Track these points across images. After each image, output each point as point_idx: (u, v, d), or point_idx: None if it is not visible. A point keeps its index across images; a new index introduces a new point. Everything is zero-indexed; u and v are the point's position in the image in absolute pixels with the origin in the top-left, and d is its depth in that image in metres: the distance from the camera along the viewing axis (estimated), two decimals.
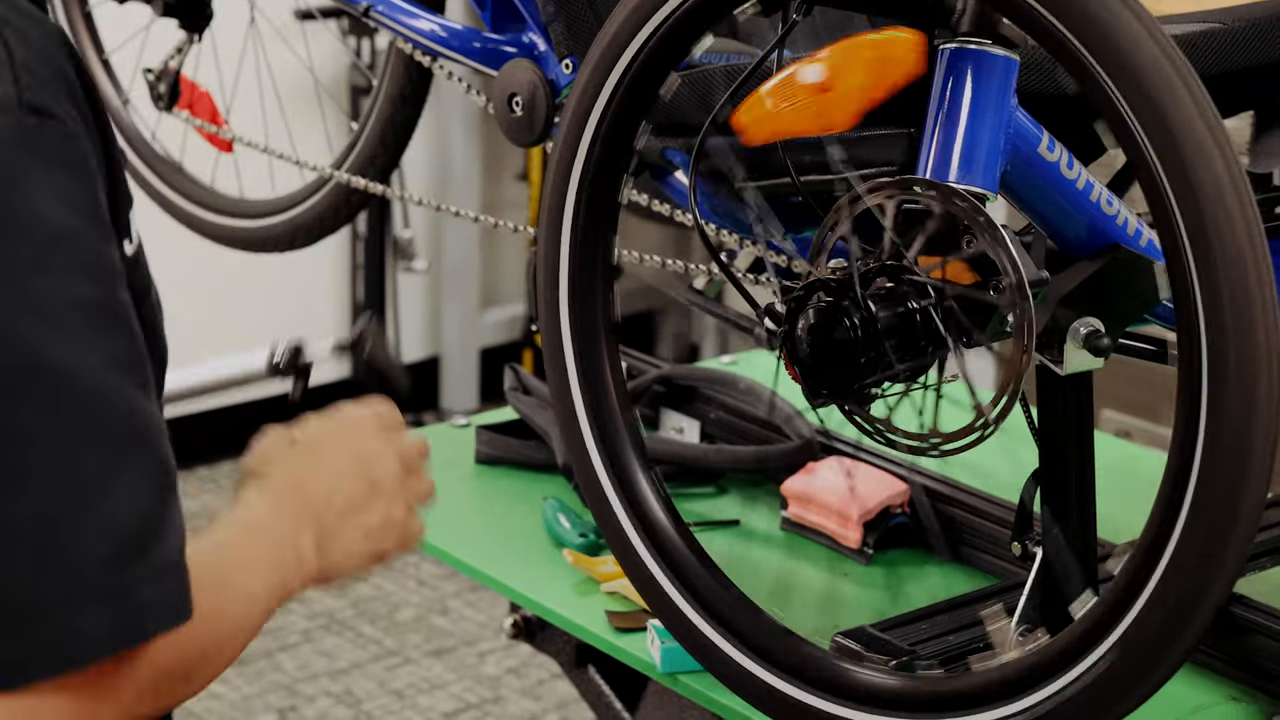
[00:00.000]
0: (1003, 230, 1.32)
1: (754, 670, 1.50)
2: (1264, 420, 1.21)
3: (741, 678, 1.51)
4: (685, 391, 2.12)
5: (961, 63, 1.37)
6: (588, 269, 1.56)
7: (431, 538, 1.96)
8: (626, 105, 1.51)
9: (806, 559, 1.86)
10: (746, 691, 1.52)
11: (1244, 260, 1.20)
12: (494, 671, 3.61)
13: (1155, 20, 1.24)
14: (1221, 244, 1.20)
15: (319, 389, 1.50)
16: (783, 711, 1.49)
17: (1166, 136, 1.21)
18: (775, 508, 1.94)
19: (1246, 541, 1.24)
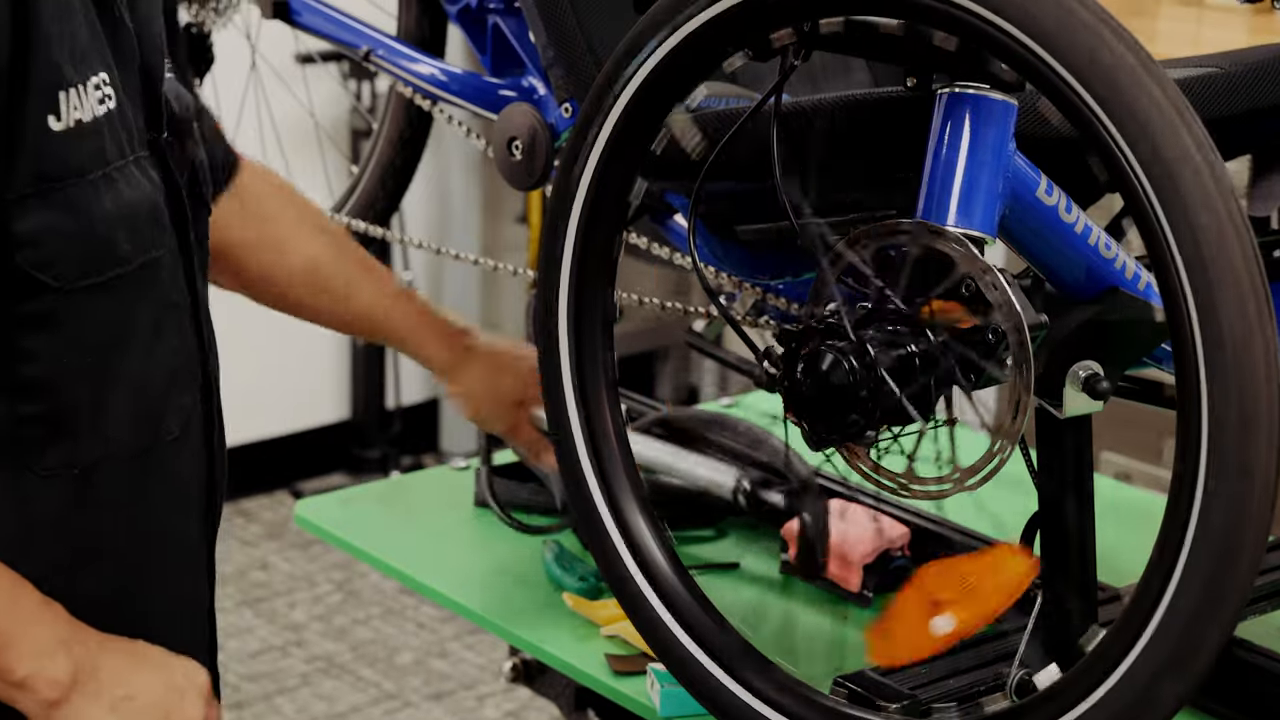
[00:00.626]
0: (1001, 274, 1.33)
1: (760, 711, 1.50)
2: (1264, 466, 1.21)
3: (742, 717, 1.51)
4: (684, 434, 2.12)
5: (959, 107, 1.37)
6: (586, 312, 1.57)
7: (431, 580, 1.96)
8: (625, 150, 1.51)
9: (807, 602, 1.85)
10: None
11: (1245, 304, 1.20)
12: (493, 715, 3.60)
13: (1157, 64, 1.25)
14: (1222, 288, 1.20)
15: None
16: None
17: (1167, 180, 1.21)
18: (775, 551, 1.94)
19: (1247, 585, 1.24)
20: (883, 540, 1.86)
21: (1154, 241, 1.23)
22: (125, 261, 1.38)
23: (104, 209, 1.35)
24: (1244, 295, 1.20)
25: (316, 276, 1.87)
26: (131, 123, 1.40)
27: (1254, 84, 1.69)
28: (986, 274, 1.33)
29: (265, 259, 1.85)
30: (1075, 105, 1.25)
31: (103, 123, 1.35)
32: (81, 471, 1.40)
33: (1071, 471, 1.46)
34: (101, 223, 1.35)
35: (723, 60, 1.46)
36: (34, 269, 1.33)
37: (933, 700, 1.53)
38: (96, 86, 1.35)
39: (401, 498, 2.18)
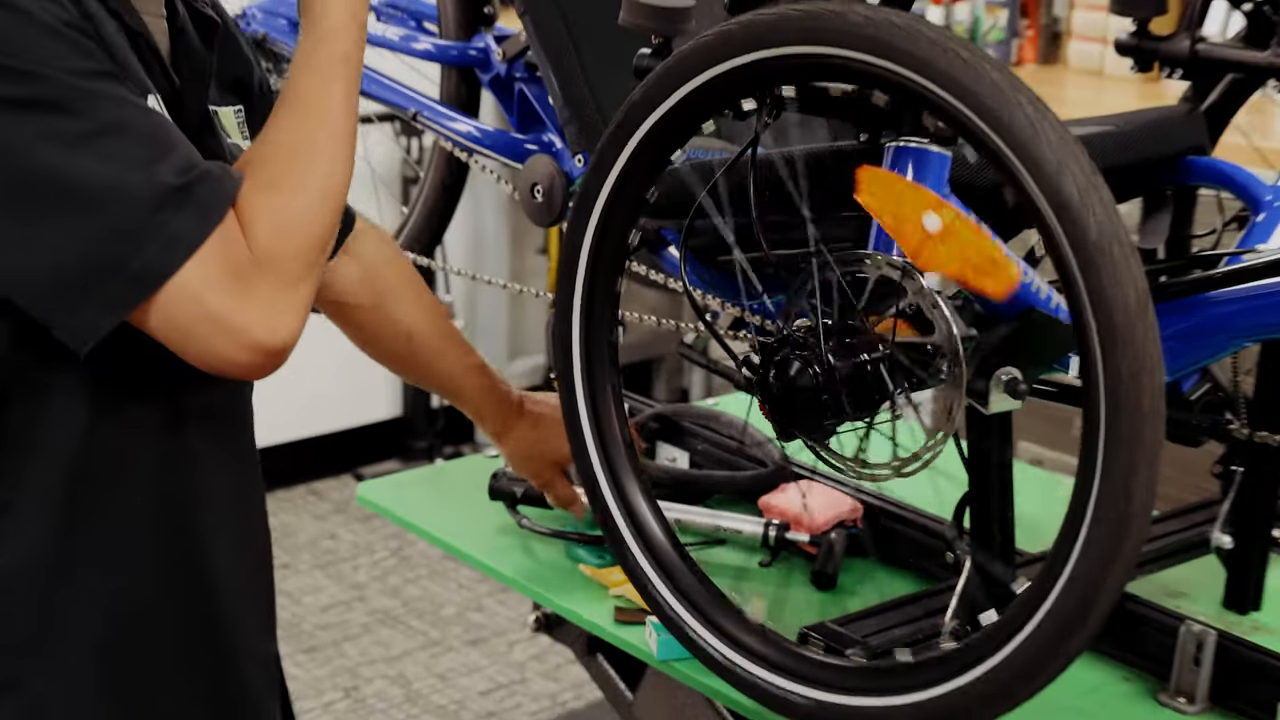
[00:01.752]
0: (938, 295, 1.32)
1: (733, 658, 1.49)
2: (1149, 450, 1.21)
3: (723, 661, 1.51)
4: (677, 427, 2.12)
5: (903, 157, 1.37)
6: (596, 328, 1.56)
7: (468, 548, 1.96)
8: (628, 193, 1.51)
9: (778, 565, 1.85)
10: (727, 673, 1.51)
11: (1134, 320, 1.20)
12: (520, 658, 3.60)
13: (1063, 124, 1.24)
14: (1117, 309, 1.20)
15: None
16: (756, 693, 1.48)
17: (1072, 220, 1.21)
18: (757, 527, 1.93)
19: (1136, 550, 1.24)
20: (839, 513, 1.86)
21: (1063, 269, 1.23)
22: None
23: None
24: (1134, 314, 1.20)
25: (411, 344, 1.83)
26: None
27: (1144, 140, 1.69)
28: (926, 296, 1.32)
29: (373, 320, 1.81)
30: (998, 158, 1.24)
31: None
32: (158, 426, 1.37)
33: (995, 458, 1.45)
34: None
35: (707, 120, 1.46)
36: None
37: (879, 645, 1.53)
38: (155, 104, 1.33)
39: (444, 481, 2.18)
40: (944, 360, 1.32)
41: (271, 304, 1.24)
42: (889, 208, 1.34)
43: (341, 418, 4.45)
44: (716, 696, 1.66)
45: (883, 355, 1.34)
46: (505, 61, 2.05)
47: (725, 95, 1.42)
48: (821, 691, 1.42)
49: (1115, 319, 1.20)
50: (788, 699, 1.44)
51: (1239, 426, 1.68)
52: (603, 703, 2.15)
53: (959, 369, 1.32)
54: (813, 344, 1.36)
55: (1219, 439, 1.70)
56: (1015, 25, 3.74)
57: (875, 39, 1.27)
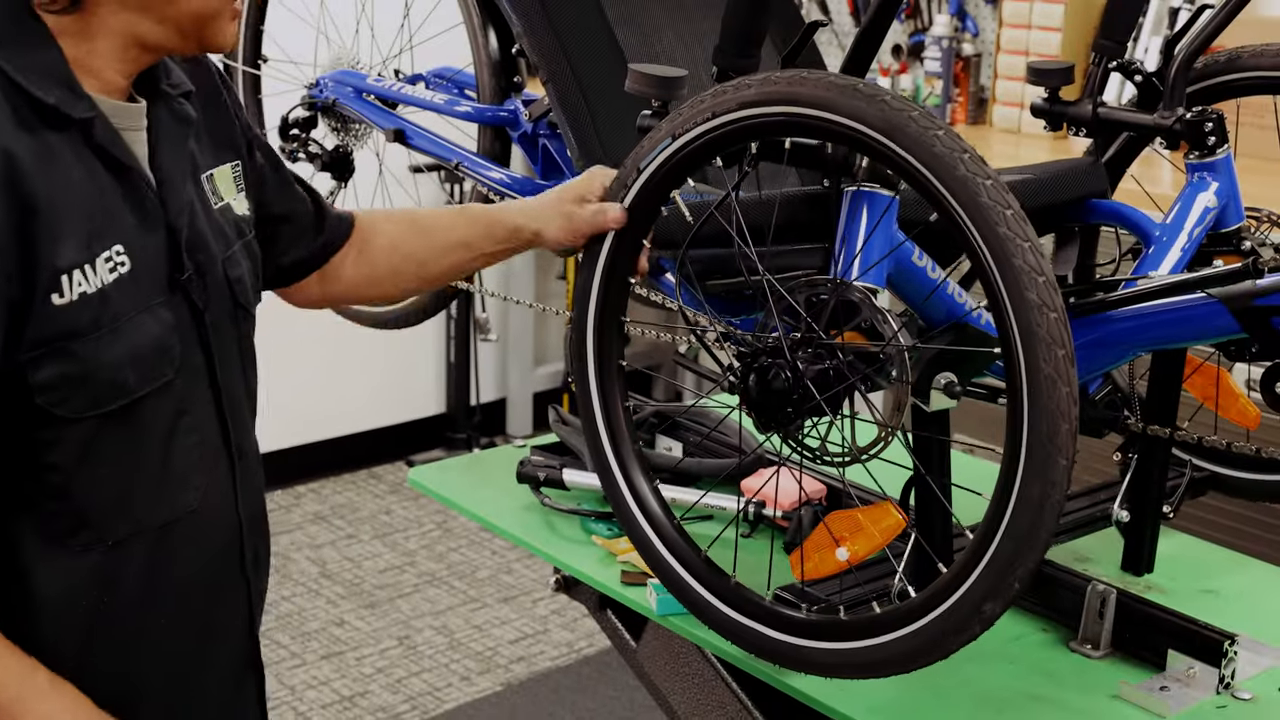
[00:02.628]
0: (887, 313, 1.32)
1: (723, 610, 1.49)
2: (1064, 439, 1.21)
3: (713, 615, 1.50)
4: (673, 422, 2.11)
5: (859, 200, 1.37)
6: (606, 340, 1.56)
7: (501, 522, 1.96)
8: (632, 228, 1.51)
9: (758, 535, 1.84)
10: (716, 625, 1.51)
11: (1052, 333, 1.20)
12: (543, 613, 3.59)
13: (994, 171, 1.24)
14: (1036, 323, 1.20)
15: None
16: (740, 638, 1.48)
17: (999, 250, 1.21)
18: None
19: (1054, 522, 1.23)
20: (806, 493, 1.85)
21: (990, 291, 1.22)
22: (131, 392, 1.20)
23: (111, 356, 1.18)
24: (1051, 326, 1.20)
25: (399, 252, 1.58)
26: (146, 278, 1.22)
27: (1054, 185, 1.69)
28: (879, 313, 1.32)
29: (389, 261, 1.58)
30: (938, 200, 1.24)
31: (111, 288, 1.18)
32: (113, 544, 1.23)
33: (935, 448, 1.45)
34: (108, 368, 1.18)
35: (698, 169, 1.45)
36: (49, 407, 1.17)
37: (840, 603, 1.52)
38: (108, 259, 1.18)
39: (480, 467, 2.17)
40: (893, 367, 1.32)
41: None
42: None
43: (395, 414, 4.44)
44: (706, 645, 1.66)
45: (841, 363, 1.33)
46: (531, 121, 2.05)
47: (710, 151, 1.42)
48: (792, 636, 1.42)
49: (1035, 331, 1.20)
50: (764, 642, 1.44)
51: (1134, 421, 1.68)
52: (612, 650, 2.15)
53: (905, 374, 1.31)
54: (784, 354, 1.35)
55: (1118, 431, 1.70)
56: (949, 92, 3.74)
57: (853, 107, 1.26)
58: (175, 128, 1.28)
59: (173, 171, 1.26)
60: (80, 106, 1.17)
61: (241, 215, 1.38)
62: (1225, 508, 2.33)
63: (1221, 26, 1.70)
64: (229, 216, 1.35)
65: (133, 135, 1.24)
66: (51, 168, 1.15)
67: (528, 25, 1.87)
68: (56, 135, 1.16)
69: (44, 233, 1.13)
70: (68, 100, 1.17)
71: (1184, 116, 1.67)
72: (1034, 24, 3.52)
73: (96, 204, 1.18)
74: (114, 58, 1.20)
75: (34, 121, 1.14)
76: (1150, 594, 1.69)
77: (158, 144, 1.26)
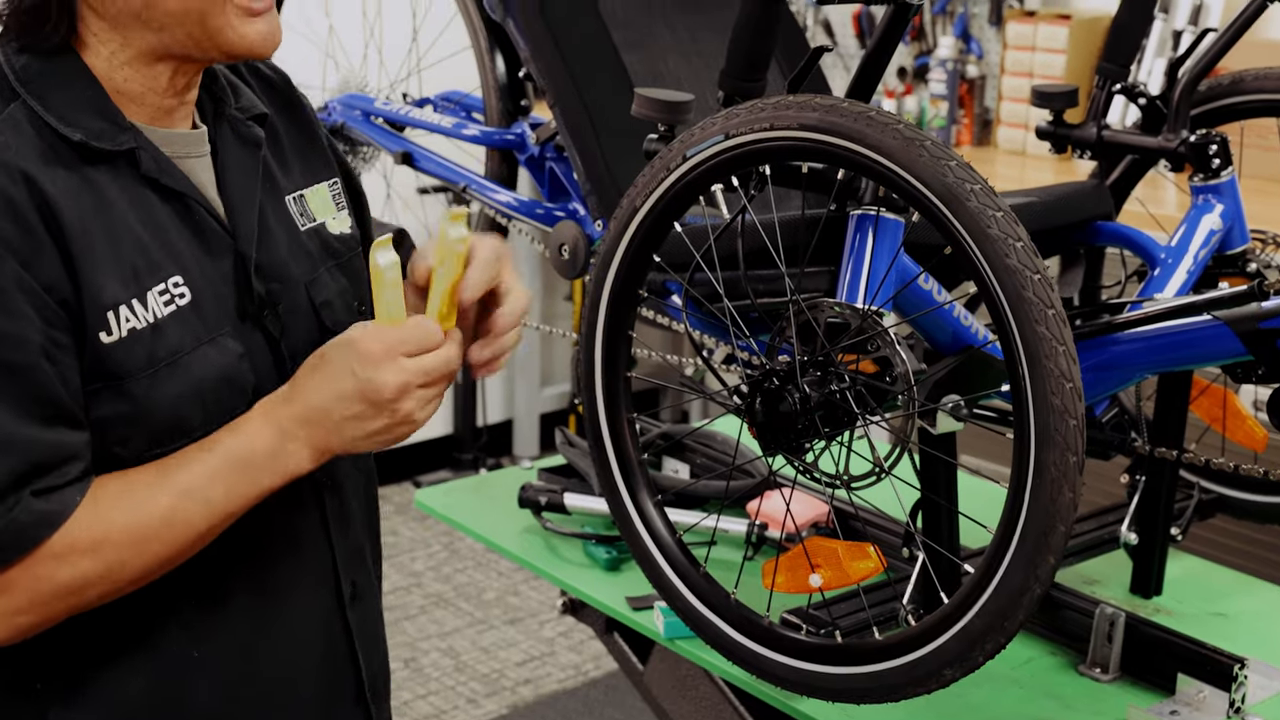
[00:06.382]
0: (893, 335, 1.32)
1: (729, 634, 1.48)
2: (1070, 463, 1.20)
3: (719, 639, 1.49)
4: (679, 444, 2.11)
5: (865, 223, 1.37)
6: (613, 361, 1.55)
7: (507, 544, 1.95)
8: (638, 252, 1.51)
9: (763, 558, 1.83)
10: (723, 649, 1.50)
11: (1058, 358, 1.19)
12: (550, 635, 3.58)
13: (997, 194, 1.24)
14: (1042, 347, 1.19)
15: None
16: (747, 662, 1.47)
17: (1005, 274, 1.20)
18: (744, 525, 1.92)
19: (1062, 546, 1.23)
20: (814, 514, 1.85)
21: (996, 314, 1.22)
22: (193, 431, 1.16)
23: (169, 393, 1.14)
24: (1057, 352, 1.19)
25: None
26: (212, 308, 1.18)
27: (1060, 208, 1.69)
28: (885, 336, 1.32)
29: None
30: (946, 226, 1.23)
31: (168, 322, 1.14)
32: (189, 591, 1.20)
33: (942, 469, 1.44)
34: (166, 406, 1.14)
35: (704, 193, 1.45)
36: (110, 445, 1.14)
37: (847, 627, 1.52)
38: (164, 291, 1.14)
39: (486, 488, 2.17)
40: (900, 390, 1.32)
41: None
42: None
43: None
44: (713, 669, 1.65)
45: (849, 386, 1.33)
46: (538, 144, 2.05)
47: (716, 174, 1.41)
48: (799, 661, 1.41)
49: (1041, 357, 1.19)
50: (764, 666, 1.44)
51: (1142, 443, 1.67)
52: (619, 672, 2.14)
53: (912, 397, 1.31)
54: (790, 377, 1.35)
55: (1125, 453, 1.69)
56: (954, 114, 3.74)
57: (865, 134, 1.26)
58: (243, 151, 1.24)
59: (240, 196, 1.22)
60: (121, 138, 1.14)
61: (339, 234, 1.32)
62: (1234, 530, 2.32)
63: (1225, 50, 1.70)
64: (322, 237, 1.30)
65: (194, 163, 1.21)
66: (91, 204, 1.12)
67: (535, 49, 1.87)
68: (96, 170, 1.13)
69: (87, 269, 1.11)
70: (106, 133, 1.14)
71: (1188, 139, 1.67)
72: (1038, 46, 3.52)
73: (149, 236, 1.15)
74: (152, 79, 1.17)
75: (70, 158, 1.12)
76: (1159, 617, 1.68)
77: (224, 169, 1.22)
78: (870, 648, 1.34)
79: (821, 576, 1.43)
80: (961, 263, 1.23)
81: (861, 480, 1.33)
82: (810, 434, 1.34)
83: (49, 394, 1.09)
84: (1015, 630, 1.25)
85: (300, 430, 1.15)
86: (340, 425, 1.15)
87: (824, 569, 1.44)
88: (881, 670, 1.32)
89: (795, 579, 1.46)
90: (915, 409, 1.31)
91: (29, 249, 1.08)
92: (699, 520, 1.69)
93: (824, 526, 1.84)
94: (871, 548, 1.43)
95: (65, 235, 1.10)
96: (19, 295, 1.07)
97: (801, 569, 1.45)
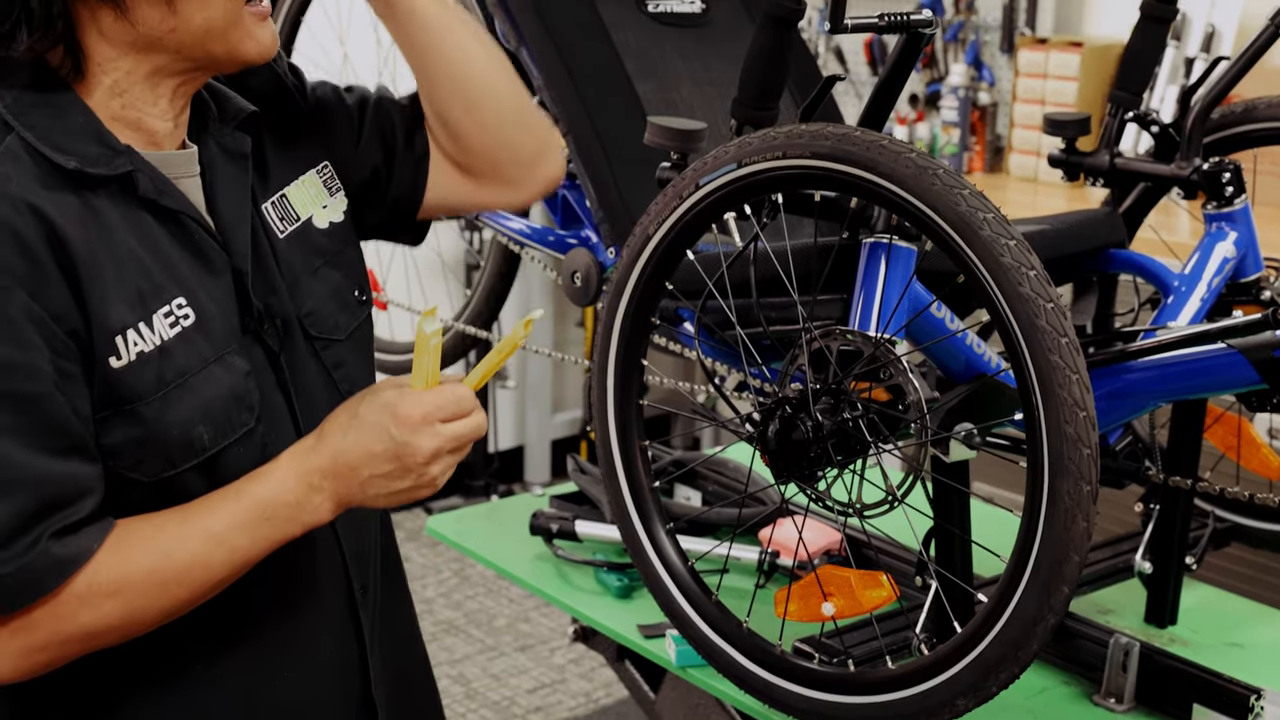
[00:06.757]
0: (906, 363, 1.32)
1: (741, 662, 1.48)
2: (1084, 491, 1.19)
3: (731, 667, 1.49)
4: (691, 471, 2.11)
5: (878, 251, 1.37)
6: (625, 389, 1.55)
7: (518, 570, 1.95)
8: (651, 280, 1.51)
9: (775, 586, 1.83)
10: (735, 677, 1.49)
11: (1071, 386, 1.19)
12: (561, 662, 3.56)
13: (1010, 222, 1.24)
14: (1055, 375, 1.19)
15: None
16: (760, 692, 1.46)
17: (1018, 302, 1.20)
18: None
19: (1076, 576, 1.22)
20: (826, 542, 1.85)
21: (1009, 343, 1.22)
22: (206, 449, 1.16)
23: (179, 414, 1.14)
24: (1070, 380, 1.19)
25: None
26: (217, 326, 1.18)
27: (1073, 236, 1.68)
28: (897, 364, 1.32)
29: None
30: (959, 254, 1.23)
31: (174, 343, 1.14)
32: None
33: (955, 497, 1.44)
34: (177, 427, 1.14)
35: (716, 220, 1.46)
36: (123, 471, 1.14)
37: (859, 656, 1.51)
38: (168, 313, 1.14)
39: (497, 515, 2.17)
40: (913, 418, 1.31)
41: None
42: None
43: None
44: (725, 698, 1.64)
45: (861, 414, 1.33)
46: None
47: (729, 202, 1.42)
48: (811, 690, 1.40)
49: (1054, 385, 1.19)
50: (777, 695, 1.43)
51: (1156, 472, 1.67)
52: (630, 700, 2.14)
53: (925, 425, 1.31)
54: (803, 404, 1.35)
55: (1139, 482, 1.69)
56: (966, 141, 3.75)
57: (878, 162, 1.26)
58: (230, 166, 1.24)
59: (232, 212, 1.22)
60: (116, 163, 1.14)
61: (328, 226, 1.31)
62: (1249, 559, 2.31)
63: (1238, 77, 1.70)
64: (307, 237, 1.29)
65: (189, 183, 1.21)
66: (96, 230, 1.12)
67: (548, 78, 1.88)
68: (95, 195, 1.13)
69: (95, 297, 1.11)
70: (102, 158, 1.13)
71: (1201, 167, 1.67)
72: (1050, 74, 3.53)
73: (150, 259, 1.15)
74: (152, 103, 1.17)
75: (70, 186, 1.11)
76: (1174, 647, 1.67)
77: (213, 187, 1.22)
78: (883, 677, 1.34)
79: (834, 605, 1.43)
80: (974, 291, 1.23)
81: (874, 508, 1.33)
82: (823, 462, 1.33)
83: (61, 425, 1.10)
84: (1029, 660, 1.25)
85: (326, 483, 1.16)
86: (367, 482, 1.16)
87: (836, 597, 1.43)
88: (894, 700, 1.31)
89: (808, 607, 1.46)
90: (928, 437, 1.31)
91: (37, 280, 1.08)
92: (711, 548, 1.69)
93: (837, 555, 1.83)
94: (884, 576, 1.42)
95: (75, 265, 1.10)
96: (28, 326, 1.07)
97: (814, 597, 1.45)
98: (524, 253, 2.10)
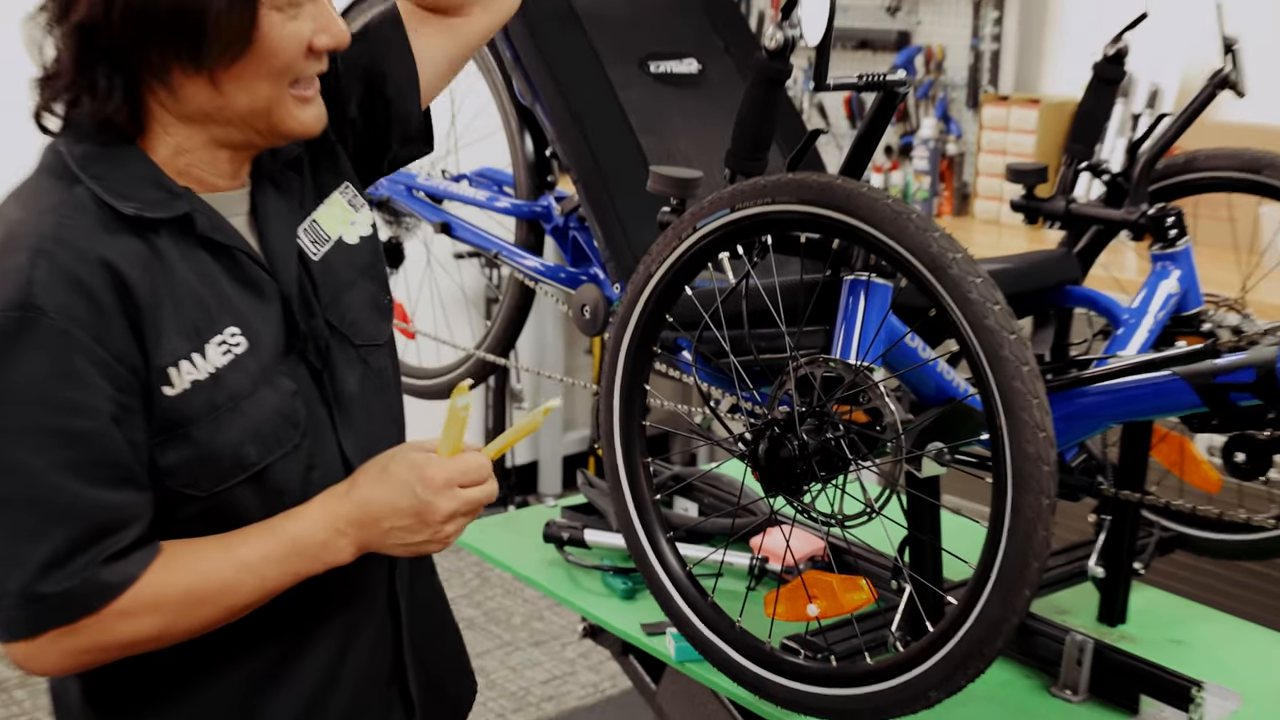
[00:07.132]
0: (883, 388, 1.32)
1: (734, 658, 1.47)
2: (1044, 505, 1.19)
3: (725, 662, 1.48)
4: (689, 485, 2.11)
5: (857, 287, 1.37)
6: (629, 410, 1.56)
7: (532, 574, 1.95)
8: (653, 313, 1.51)
9: (764, 589, 1.82)
10: (728, 671, 1.49)
11: (1032, 409, 1.19)
12: (571, 656, 3.55)
13: (976, 261, 1.24)
14: (1017, 399, 1.19)
15: None
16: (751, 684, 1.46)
17: (984, 333, 1.21)
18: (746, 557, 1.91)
19: (1036, 580, 1.22)
20: (811, 549, 1.84)
21: (976, 370, 1.22)
22: (254, 465, 1.16)
23: (230, 436, 1.15)
24: (1031, 404, 1.19)
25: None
26: (268, 351, 1.18)
27: (1032, 273, 1.69)
28: (875, 389, 1.32)
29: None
30: (931, 290, 1.24)
31: (227, 370, 1.15)
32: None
33: (927, 509, 1.44)
34: (227, 448, 1.15)
35: (712, 259, 1.46)
36: (180, 488, 1.14)
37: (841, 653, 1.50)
38: (221, 342, 1.15)
39: (514, 524, 2.17)
40: (889, 437, 1.31)
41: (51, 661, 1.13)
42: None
43: None
44: (720, 689, 1.64)
45: (843, 434, 1.33)
46: (563, 215, 2.06)
47: (722, 244, 1.42)
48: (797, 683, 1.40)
49: (1016, 408, 1.19)
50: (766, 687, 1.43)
51: (1107, 486, 1.67)
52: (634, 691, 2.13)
53: (900, 444, 1.31)
54: (790, 425, 1.35)
55: (1093, 495, 1.69)
56: (936, 188, 3.76)
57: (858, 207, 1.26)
58: (280, 203, 1.24)
59: (281, 244, 1.22)
60: (176, 205, 1.15)
61: (357, 242, 1.30)
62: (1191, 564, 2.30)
63: (1179, 131, 1.71)
64: (342, 254, 1.28)
65: (238, 220, 1.21)
66: (156, 271, 1.12)
67: (561, 131, 1.89)
68: (157, 236, 1.13)
69: (153, 335, 1.11)
70: (161, 202, 1.14)
71: (1147, 212, 1.68)
72: (1011, 127, 3.54)
73: (207, 293, 1.15)
74: (213, 164, 1.18)
75: (132, 230, 1.12)
76: (1124, 643, 1.66)
77: (266, 219, 1.22)
78: (862, 671, 1.34)
79: (818, 606, 1.42)
80: (944, 323, 1.23)
81: (854, 519, 1.33)
82: (808, 477, 1.34)
83: (115, 458, 1.10)
84: (994, 656, 1.25)
85: (351, 529, 1.18)
86: (388, 533, 1.18)
87: (820, 599, 1.43)
88: (872, 692, 1.31)
89: (794, 608, 1.46)
90: (903, 455, 1.31)
91: (101, 326, 1.08)
92: (707, 554, 1.68)
93: (820, 561, 1.82)
94: (863, 580, 1.42)
95: (138, 308, 1.11)
96: (91, 368, 1.08)
97: (800, 599, 1.45)
98: (538, 288, 2.11)
